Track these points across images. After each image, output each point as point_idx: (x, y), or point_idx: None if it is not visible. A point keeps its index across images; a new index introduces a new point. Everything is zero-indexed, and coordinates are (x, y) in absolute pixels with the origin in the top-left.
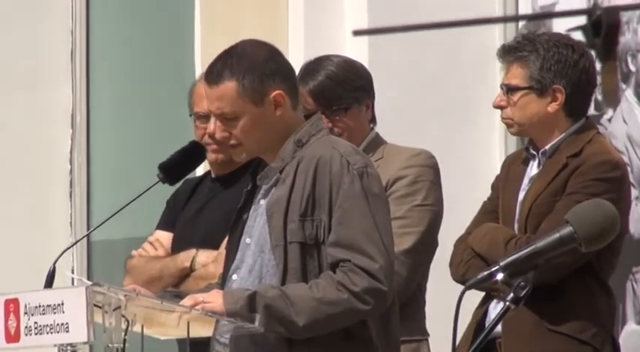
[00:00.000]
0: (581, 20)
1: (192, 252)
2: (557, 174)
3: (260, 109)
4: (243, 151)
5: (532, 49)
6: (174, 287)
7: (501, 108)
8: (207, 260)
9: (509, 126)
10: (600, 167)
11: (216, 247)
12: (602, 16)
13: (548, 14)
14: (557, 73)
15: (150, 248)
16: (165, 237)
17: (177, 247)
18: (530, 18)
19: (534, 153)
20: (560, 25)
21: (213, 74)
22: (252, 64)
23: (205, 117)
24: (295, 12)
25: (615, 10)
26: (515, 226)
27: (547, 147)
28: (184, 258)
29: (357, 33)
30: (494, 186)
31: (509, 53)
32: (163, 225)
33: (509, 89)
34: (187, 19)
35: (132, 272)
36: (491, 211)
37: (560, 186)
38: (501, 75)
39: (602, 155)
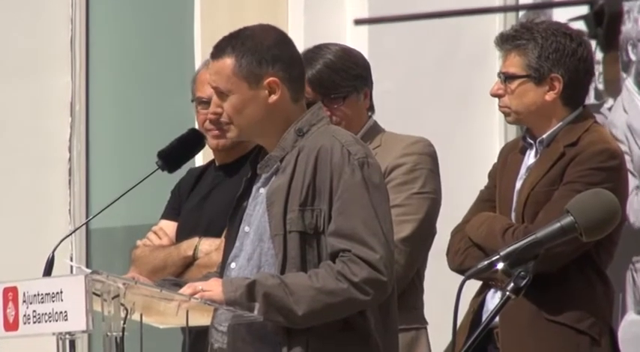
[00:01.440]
0: (583, 10)
1: (195, 240)
2: (554, 163)
3: (253, 91)
4: (233, 129)
5: (530, 37)
6: (177, 276)
7: (499, 96)
8: (209, 248)
9: (506, 114)
10: (598, 156)
11: (219, 235)
12: (604, 5)
13: (549, 4)
14: (555, 62)
15: (154, 237)
16: (170, 226)
17: (181, 236)
18: (530, 7)
19: (531, 141)
20: (561, 15)
21: (218, 48)
22: (255, 46)
23: (207, 103)
24: (295, 1)
25: (617, 0)
26: (512, 215)
27: (544, 136)
28: (187, 246)
29: (358, 22)
30: (490, 175)
31: (507, 41)
32: (168, 214)
33: (507, 77)
34: (187, 7)
35: (136, 262)
36: (488, 200)
37: (558, 176)
38: (500, 63)
39: (599, 144)
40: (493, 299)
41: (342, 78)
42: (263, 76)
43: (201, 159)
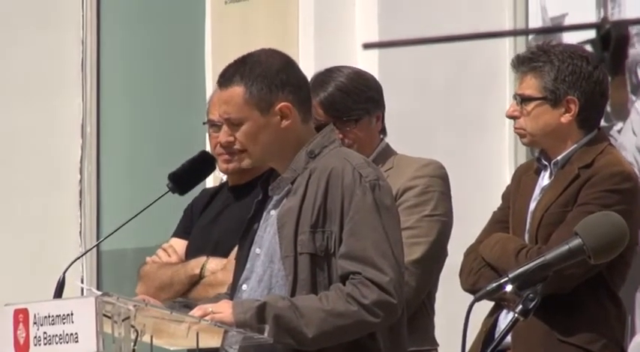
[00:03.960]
0: (591, 34)
1: (203, 259)
2: (568, 184)
3: (265, 118)
4: (247, 157)
5: (547, 59)
6: (183, 294)
7: (514, 118)
8: (216, 267)
9: (521, 136)
10: (612, 178)
11: (227, 255)
12: (611, 29)
13: (557, 28)
14: (572, 85)
15: (163, 254)
16: (180, 245)
17: (190, 254)
18: (539, 31)
19: (546, 163)
20: (569, 39)
21: (225, 77)
22: (264, 72)
23: (219, 126)
24: (306, 24)
25: (624, 24)
26: (526, 236)
27: (559, 157)
28: (194, 265)
29: (367, 46)
30: (504, 196)
31: (523, 63)
32: (179, 232)
33: (523, 99)
34: (198, 29)
35: (144, 278)
36: (502, 221)
37: (572, 197)
38: (513, 86)
39: (614, 166)
40: (505, 319)
41: (355, 101)
42: (274, 102)
43: (211, 181)
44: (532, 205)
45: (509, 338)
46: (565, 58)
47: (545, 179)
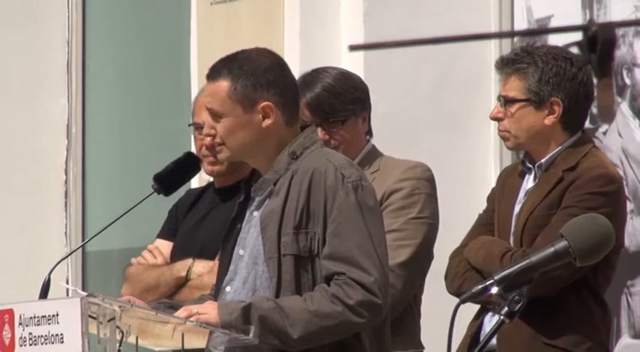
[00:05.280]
0: (577, 36)
1: (189, 261)
2: (552, 187)
3: (247, 115)
4: (225, 151)
5: (531, 61)
6: (169, 296)
7: (498, 120)
8: (203, 270)
9: (505, 139)
10: (596, 181)
11: (213, 257)
12: (597, 32)
13: (543, 30)
14: (556, 86)
15: (149, 256)
16: (165, 246)
17: (176, 256)
18: (525, 33)
19: (530, 166)
20: (556, 41)
21: (214, 70)
22: (251, 70)
23: (203, 129)
24: (291, 25)
25: (611, 27)
26: (511, 239)
27: (543, 160)
28: (181, 267)
29: (353, 48)
30: (489, 199)
31: (507, 65)
32: (164, 233)
33: (506, 101)
34: (184, 30)
35: (130, 280)
36: (487, 224)
37: (556, 200)
38: (498, 88)
39: (598, 169)
40: (490, 322)
41: (341, 102)
42: (257, 101)
43: (196, 182)
44: (517, 208)
45: (494, 341)
46: (549, 60)
47: (529, 182)
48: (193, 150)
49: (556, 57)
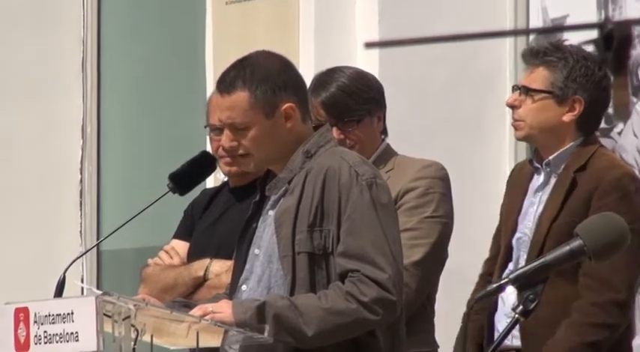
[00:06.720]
0: (593, 34)
1: (206, 261)
2: (567, 191)
3: (271, 121)
4: (251, 161)
5: (561, 56)
6: (187, 296)
7: (514, 107)
8: (220, 269)
9: (518, 128)
10: (620, 183)
11: (230, 257)
12: (613, 30)
13: (559, 27)
14: (581, 86)
15: (165, 256)
16: (182, 246)
17: (192, 256)
18: (541, 31)
19: (538, 166)
20: (571, 39)
21: (226, 83)
22: (265, 75)
23: (220, 130)
24: (306, 24)
25: (627, 24)
26: (528, 244)
27: (550, 158)
28: (198, 267)
29: (368, 45)
30: (501, 213)
31: (536, 56)
32: (180, 233)
33: (529, 90)
34: (199, 31)
35: (147, 280)
36: (499, 245)
37: (578, 206)
38: (518, 78)
39: (615, 169)
40: (500, 321)
41: (356, 101)
42: (278, 104)
43: (212, 181)
44: (526, 204)
45: (507, 342)
46: (580, 58)
47: (538, 180)
48: (209, 148)
49: (586, 57)
